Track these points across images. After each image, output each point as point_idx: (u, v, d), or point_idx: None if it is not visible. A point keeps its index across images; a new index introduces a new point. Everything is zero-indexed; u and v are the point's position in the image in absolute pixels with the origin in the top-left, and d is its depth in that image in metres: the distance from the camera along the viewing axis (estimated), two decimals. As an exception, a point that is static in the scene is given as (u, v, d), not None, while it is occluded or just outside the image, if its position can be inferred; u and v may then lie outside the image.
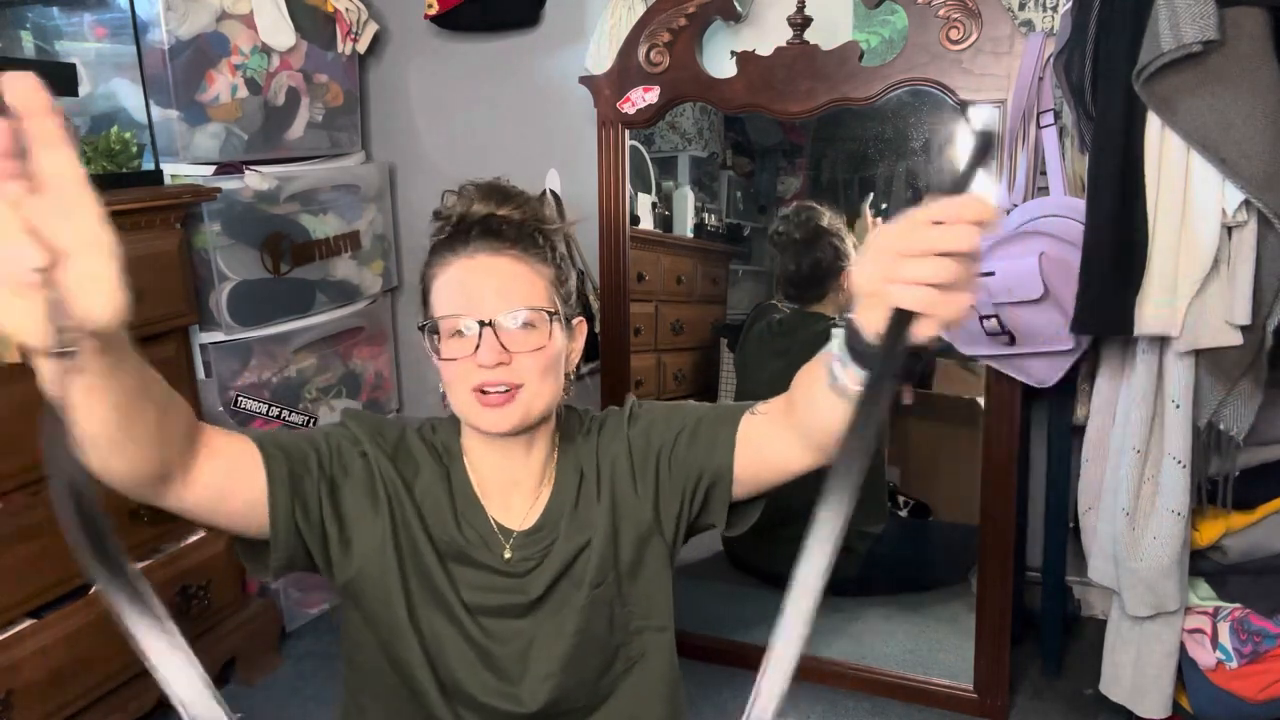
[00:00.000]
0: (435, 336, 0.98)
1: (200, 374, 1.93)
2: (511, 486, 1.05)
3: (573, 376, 1.06)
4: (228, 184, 1.94)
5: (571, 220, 1.10)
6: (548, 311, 0.98)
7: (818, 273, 2.10)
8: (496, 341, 0.94)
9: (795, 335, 2.12)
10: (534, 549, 1.03)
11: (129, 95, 1.85)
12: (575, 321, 1.05)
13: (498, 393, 0.95)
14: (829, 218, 2.11)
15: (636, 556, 1.06)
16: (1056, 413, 1.85)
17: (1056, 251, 1.52)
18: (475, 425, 0.99)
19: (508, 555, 1.02)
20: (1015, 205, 1.63)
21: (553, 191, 2.23)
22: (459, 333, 0.96)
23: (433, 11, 2.24)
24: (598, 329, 2.05)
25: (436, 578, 1.00)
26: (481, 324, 0.94)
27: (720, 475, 1.02)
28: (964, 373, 1.98)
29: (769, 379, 2.10)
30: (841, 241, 2.09)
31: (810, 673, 1.94)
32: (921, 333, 0.61)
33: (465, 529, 1.02)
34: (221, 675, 1.90)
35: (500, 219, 1.00)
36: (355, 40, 2.29)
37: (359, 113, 2.40)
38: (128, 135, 1.77)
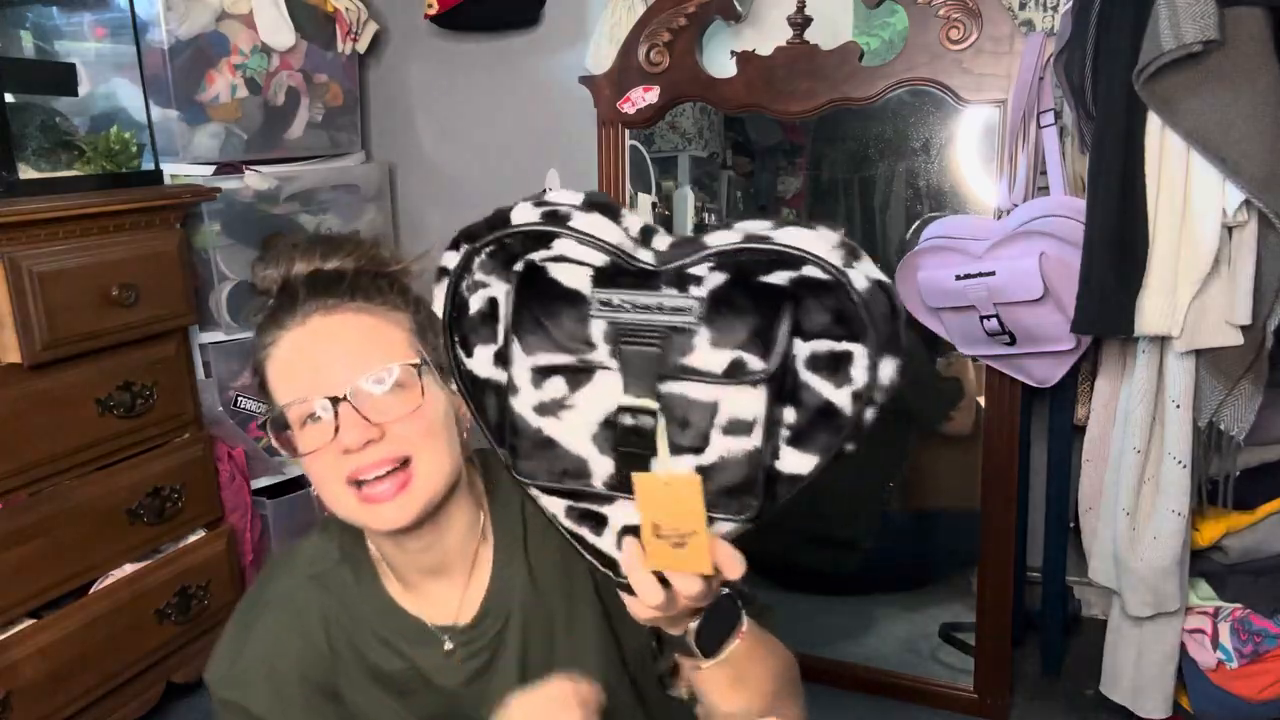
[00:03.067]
0: (286, 432, 0.81)
1: (200, 374, 1.93)
2: (433, 576, 0.88)
3: (468, 433, 0.86)
4: (227, 184, 1.94)
5: (414, 258, 0.90)
6: (413, 365, 0.81)
7: None
8: (358, 416, 0.77)
9: None
10: (474, 646, 0.88)
11: (129, 95, 1.85)
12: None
13: (381, 478, 0.78)
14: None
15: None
16: (1056, 413, 1.85)
17: (1056, 251, 1.52)
18: (368, 526, 0.83)
19: (448, 647, 0.88)
20: (1015, 205, 1.63)
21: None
22: (312, 418, 0.79)
23: (433, 11, 2.24)
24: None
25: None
26: (335, 400, 0.77)
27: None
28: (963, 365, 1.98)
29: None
30: None
31: (810, 672, 1.93)
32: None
33: (394, 652, 0.88)
34: (221, 675, 1.90)
35: (329, 273, 0.84)
36: (355, 40, 2.29)
37: (359, 113, 2.40)
38: (128, 135, 1.77)
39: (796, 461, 0.64)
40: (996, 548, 1.77)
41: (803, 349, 0.62)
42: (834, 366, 0.61)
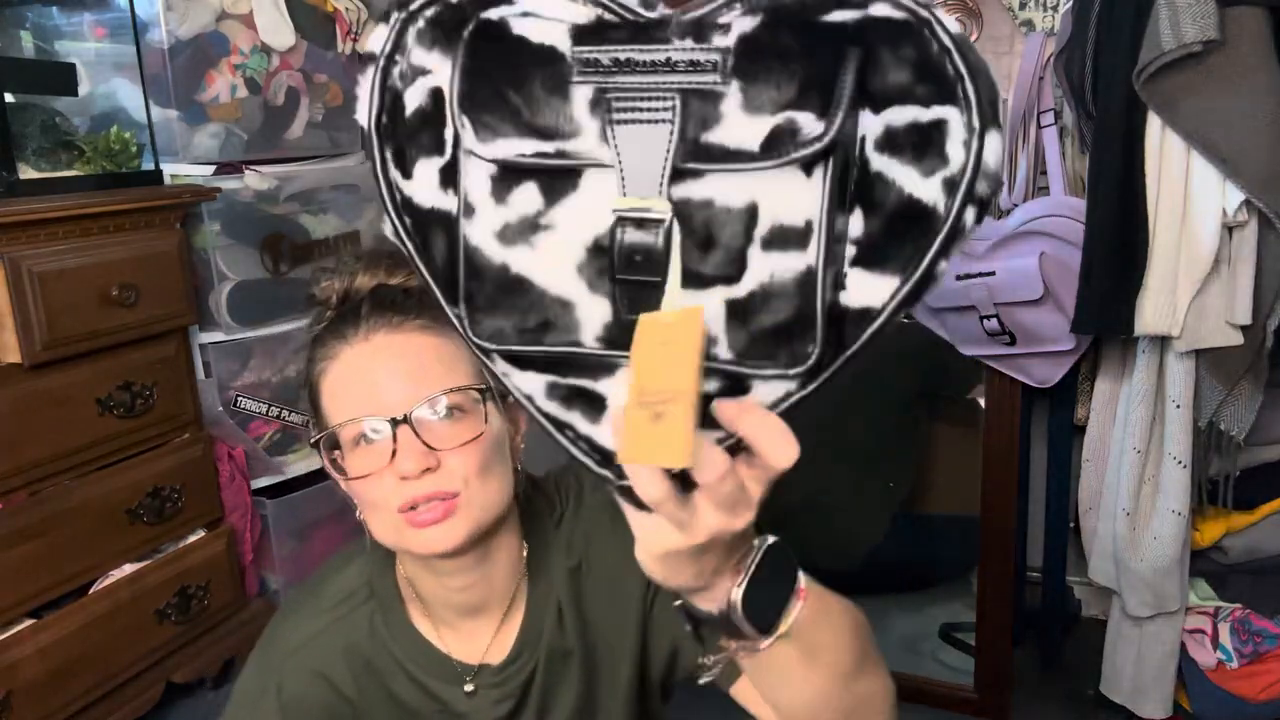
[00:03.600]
0: (336, 452, 0.76)
1: (200, 374, 1.93)
2: (470, 615, 0.84)
3: (522, 465, 0.82)
4: (227, 184, 1.94)
5: None
6: (477, 390, 0.75)
7: None
8: (418, 442, 0.72)
9: None
10: (508, 687, 0.84)
11: (129, 95, 1.85)
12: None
13: (431, 508, 0.74)
14: None
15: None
16: (1056, 413, 1.85)
17: (1056, 251, 1.52)
18: (410, 550, 0.77)
19: (469, 689, 0.84)
20: (1015, 205, 1.63)
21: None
22: (363, 438, 0.74)
23: (433, 11, 2.24)
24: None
25: None
26: (394, 422, 0.72)
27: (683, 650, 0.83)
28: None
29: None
30: None
31: (810, 673, 1.93)
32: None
33: (423, 691, 0.84)
34: (221, 675, 1.90)
35: (394, 289, 0.79)
36: (355, 40, 2.29)
37: (359, 113, 2.40)
38: (128, 135, 1.77)
39: (868, 288, 0.46)
40: (996, 548, 1.77)
41: (873, 124, 0.45)
42: (919, 144, 0.44)
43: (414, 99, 0.50)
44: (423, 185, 0.51)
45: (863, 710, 0.64)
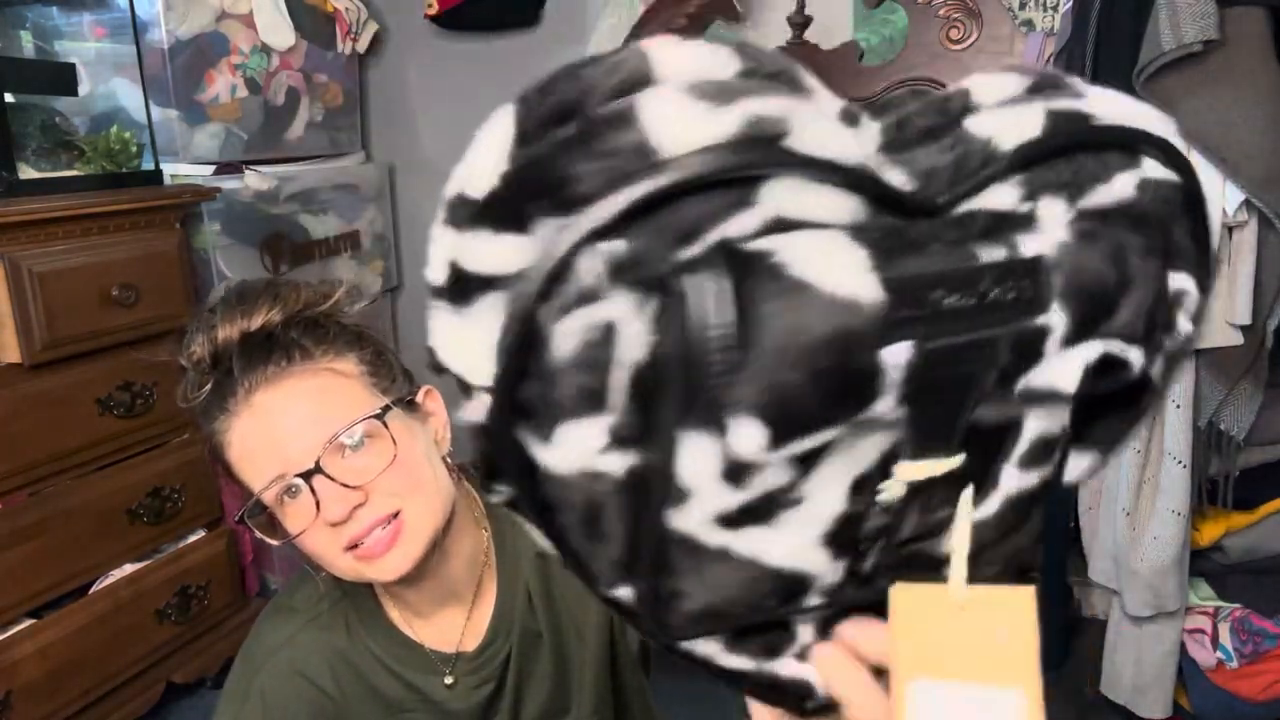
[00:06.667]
0: (264, 515, 0.77)
1: (200, 374, 1.93)
2: (440, 605, 0.85)
3: (451, 457, 0.82)
4: (227, 184, 1.94)
5: (340, 289, 0.83)
6: (375, 415, 0.75)
7: None
8: (336, 486, 0.72)
9: None
10: (485, 672, 0.85)
11: (129, 95, 1.85)
12: (421, 394, 0.82)
13: (377, 538, 0.74)
14: None
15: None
16: (1057, 413, 1.85)
17: (1057, 251, 1.52)
18: (375, 580, 0.79)
19: (448, 681, 0.85)
20: (1015, 205, 1.63)
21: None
22: (289, 493, 0.74)
23: (433, 11, 2.24)
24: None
25: None
26: (306, 475, 0.72)
27: None
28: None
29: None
30: None
31: (810, 673, 1.93)
32: None
33: (403, 683, 0.85)
34: (221, 675, 1.90)
35: (257, 334, 0.76)
36: (355, 40, 2.29)
37: (359, 113, 2.40)
38: (127, 135, 1.77)
39: (1071, 468, 0.40)
40: (996, 548, 1.77)
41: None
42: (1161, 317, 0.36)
43: (571, 339, 0.31)
44: (569, 450, 0.33)
45: None
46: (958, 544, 0.36)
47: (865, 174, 0.31)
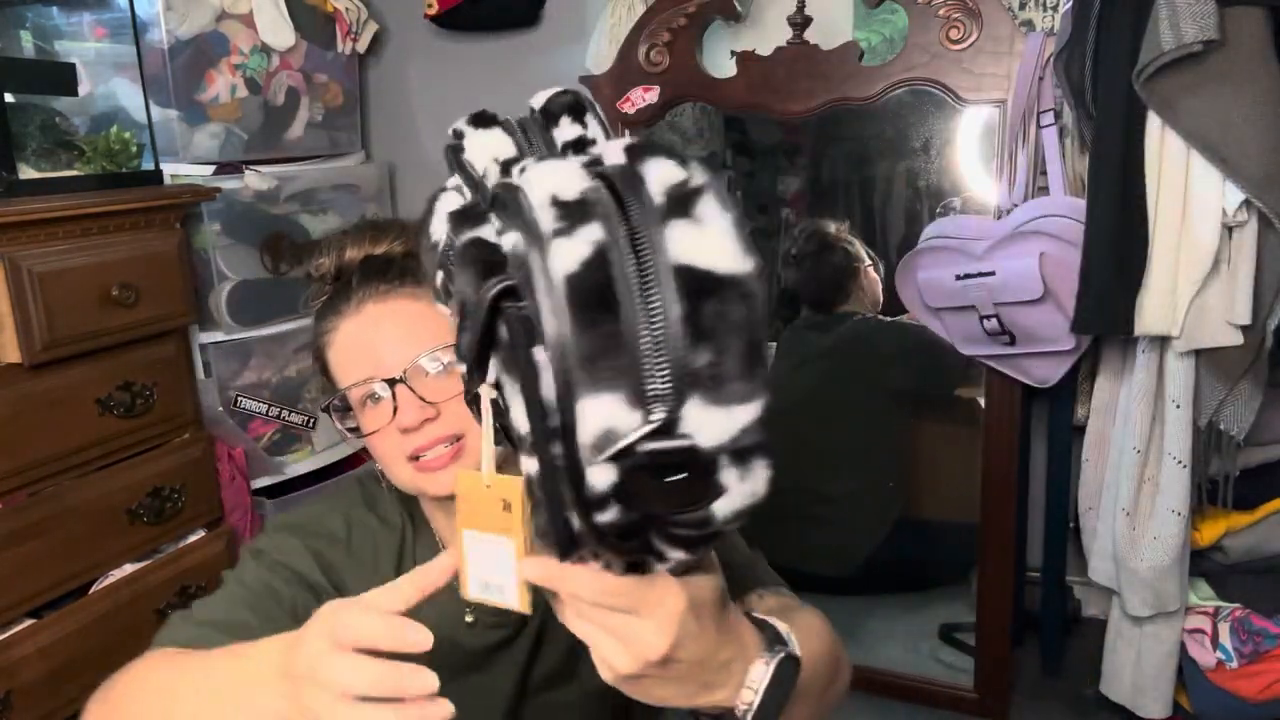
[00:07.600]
0: (348, 414, 0.86)
1: (200, 374, 1.93)
2: None
3: None
4: (227, 184, 1.94)
5: None
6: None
7: (838, 276, 2.16)
8: (414, 397, 0.81)
9: (834, 330, 2.17)
10: (505, 614, 0.92)
11: (129, 95, 1.85)
12: None
13: (438, 454, 0.82)
14: (834, 226, 2.17)
15: None
16: (1056, 413, 1.85)
17: (1056, 251, 1.52)
18: (425, 492, 0.86)
19: (469, 620, 0.90)
20: (1015, 205, 1.63)
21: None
22: (372, 399, 0.83)
23: (433, 11, 2.24)
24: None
25: None
26: (391, 382, 0.81)
27: None
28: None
29: (817, 378, 2.16)
30: (850, 244, 2.14)
31: (810, 673, 1.93)
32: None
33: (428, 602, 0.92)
34: (221, 675, 1.90)
35: (379, 258, 0.87)
36: (355, 40, 2.29)
37: (359, 113, 2.40)
38: (127, 135, 1.77)
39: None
40: (996, 547, 1.77)
41: None
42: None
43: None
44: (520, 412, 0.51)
45: (831, 703, 0.73)
46: (485, 444, 0.54)
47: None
